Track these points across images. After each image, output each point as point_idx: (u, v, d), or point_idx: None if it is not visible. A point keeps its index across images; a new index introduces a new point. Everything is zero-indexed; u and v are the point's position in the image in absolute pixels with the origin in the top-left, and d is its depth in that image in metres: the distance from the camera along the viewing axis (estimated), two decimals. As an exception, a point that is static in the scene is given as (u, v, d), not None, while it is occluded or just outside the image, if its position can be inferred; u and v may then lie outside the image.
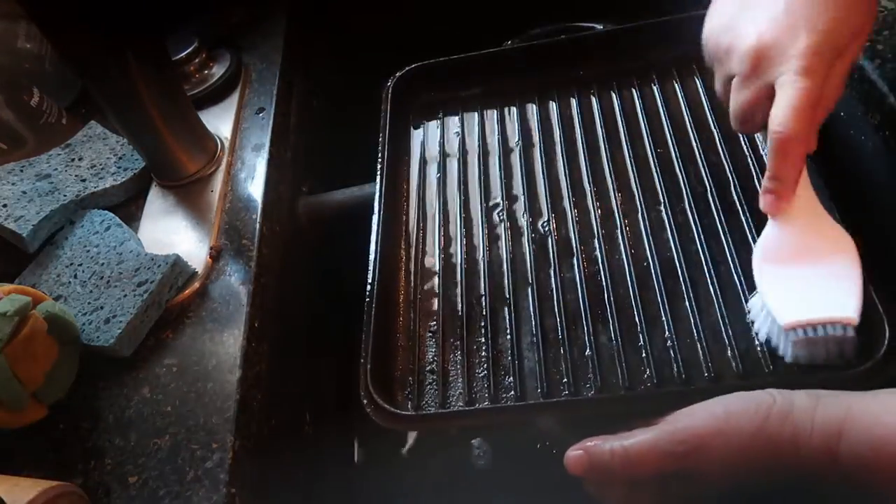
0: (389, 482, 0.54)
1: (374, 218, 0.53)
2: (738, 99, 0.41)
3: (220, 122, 0.62)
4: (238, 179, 0.57)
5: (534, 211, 0.54)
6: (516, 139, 0.60)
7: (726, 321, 0.44)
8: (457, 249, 0.53)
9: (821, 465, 0.32)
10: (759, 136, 0.53)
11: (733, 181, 0.51)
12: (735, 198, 0.50)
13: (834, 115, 0.50)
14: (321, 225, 0.61)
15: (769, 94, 0.39)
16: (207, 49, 0.66)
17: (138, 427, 0.42)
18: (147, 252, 0.50)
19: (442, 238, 0.54)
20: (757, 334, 0.42)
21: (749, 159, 0.52)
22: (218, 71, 0.66)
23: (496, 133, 0.60)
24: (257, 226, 0.52)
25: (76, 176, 0.57)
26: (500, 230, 0.53)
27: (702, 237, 0.48)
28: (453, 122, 0.63)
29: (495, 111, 0.62)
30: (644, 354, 0.44)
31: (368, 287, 0.49)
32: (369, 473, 0.58)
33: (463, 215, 0.55)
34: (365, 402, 0.43)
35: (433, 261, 0.53)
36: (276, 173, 0.58)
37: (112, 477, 0.40)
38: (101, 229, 0.53)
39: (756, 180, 0.51)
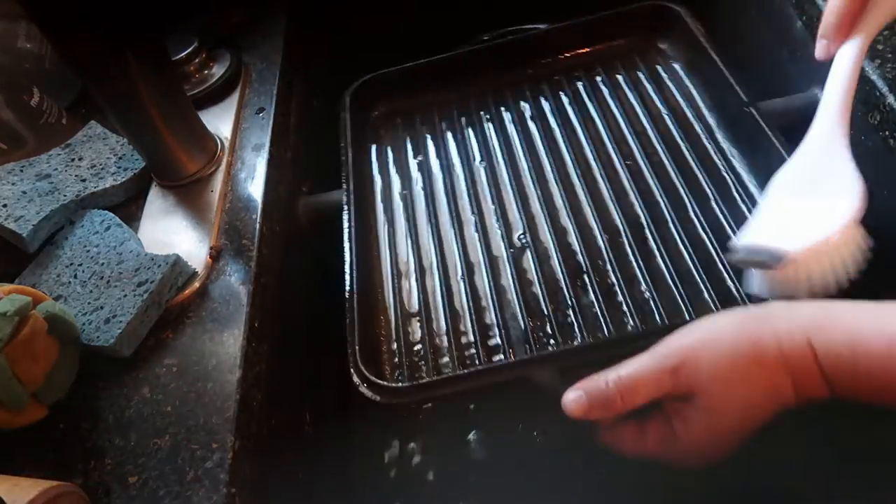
0: (389, 482, 0.54)
1: (345, 216, 0.56)
2: None
3: (220, 122, 0.62)
4: (238, 179, 0.57)
5: (500, 197, 0.58)
6: (475, 136, 0.64)
7: (699, 269, 0.48)
8: (429, 240, 0.57)
9: (803, 360, 0.32)
10: (702, 105, 0.59)
11: (684, 145, 0.57)
12: (688, 157, 0.56)
13: (834, 114, 0.50)
14: (321, 225, 0.62)
15: None
16: (207, 49, 0.66)
17: (138, 427, 0.42)
18: (147, 252, 0.50)
19: (414, 230, 0.58)
20: None
21: (696, 125, 0.58)
22: (218, 71, 0.66)
23: (456, 132, 0.65)
24: (257, 226, 0.52)
25: (76, 176, 0.57)
26: (468, 216, 0.58)
27: (664, 197, 0.54)
28: (415, 126, 0.67)
29: (454, 112, 0.67)
30: (626, 309, 0.48)
31: (348, 277, 0.51)
32: (369, 473, 0.58)
33: (432, 208, 0.59)
34: (357, 381, 0.45)
35: (407, 252, 0.57)
36: (276, 173, 0.58)
37: (112, 477, 0.40)
38: (101, 229, 0.53)
39: (704, 138, 0.57)
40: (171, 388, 0.44)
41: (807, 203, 0.41)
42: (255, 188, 0.56)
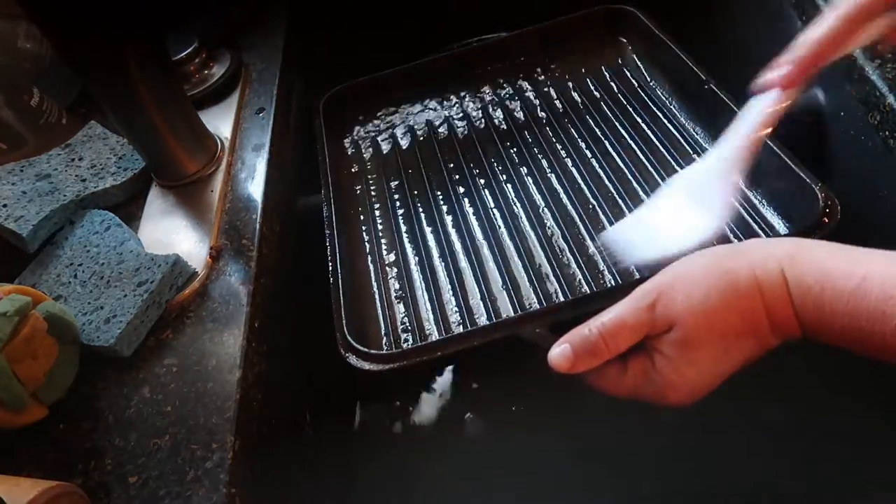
0: (389, 481, 0.54)
1: (325, 210, 0.58)
2: None
3: (220, 122, 0.62)
4: (238, 179, 0.57)
5: (476, 189, 0.61)
6: (446, 138, 0.67)
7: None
8: (410, 232, 0.59)
9: (776, 287, 0.33)
10: (663, 93, 0.64)
11: (649, 128, 0.61)
12: (654, 139, 0.60)
13: (834, 114, 0.50)
14: (319, 224, 0.61)
15: None
16: (207, 49, 0.66)
17: (138, 427, 0.42)
18: (147, 252, 0.50)
19: (395, 223, 0.60)
20: None
21: (658, 110, 0.62)
22: (218, 71, 0.66)
23: (428, 135, 0.68)
24: (257, 226, 0.52)
25: (76, 176, 0.57)
26: (447, 213, 0.60)
27: (635, 176, 0.57)
28: (388, 129, 0.70)
29: (424, 117, 0.70)
30: (607, 274, 0.51)
31: (330, 264, 0.53)
32: (369, 473, 0.58)
33: (410, 202, 0.61)
34: (345, 353, 0.46)
35: (390, 243, 0.59)
36: (276, 173, 0.58)
37: (112, 477, 0.40)
38: (101, 229, 0.53)
39: (667, 120, 0.61)
40: (171, 388, 0.44)
41: (680, 213, 0.43)
42: (255, 188, 0.56)
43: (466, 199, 0.61)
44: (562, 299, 0.50)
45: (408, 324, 0.52)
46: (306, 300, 0.59)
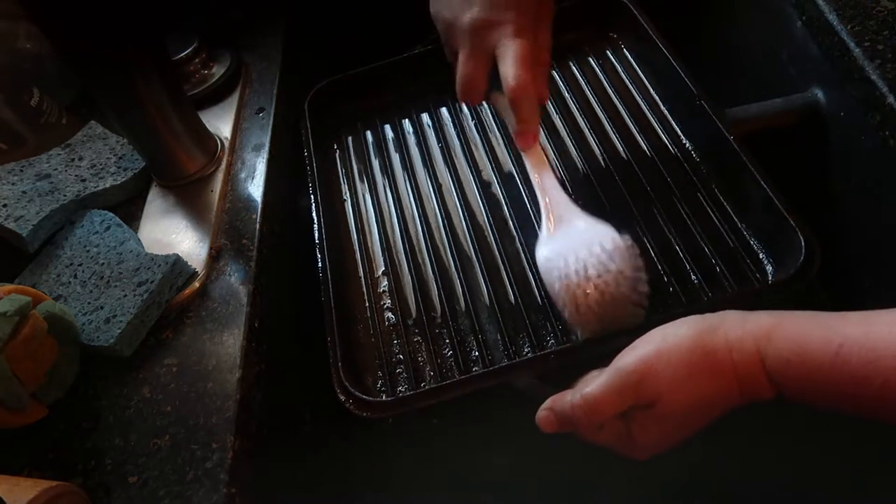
0: (389, 482, 0.54)
1: (315, 226, 0.56)
2: (463, 71, 0.47)
3: (220, 122, 0.62)
4: (238, 179, 0.57)
5: (466, 200, 0.59)
6: (434, 134, 0.65)
7: (660, 260, 0.50)
8: (399, 249, 0.57)
9: (751, 367, 0.34)
10: (654, 92, 0.61)
11: (637, 132, 0.59)
12: (641, 143, 0.58)
13: (834, 114, 0.50)
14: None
15: (490, 63, 0.46)
16: (207, 49, 0.66)
17: (138, 427, 0.42)
18: (147, 252, 0.50)
19: (384, 235, 0.58)
20: None
21: (648, 112, 0.60)
22: (218, 71, 0.66)
23: (416, 131, 0.66)
24: (257, 226, 0.52)
25: (76, 176, 0.57)
26: (436, 222, 0.58)
27: (623, 182, 0.55)
28: (375, 128, 0.68)
29: (412, 111, 0.68)
30: None
31: (322, 296, 0.51)
32: (369, 473, 0.58)
33: (399, 212, 0.59)
34: (342, 398, 0.45)
35: (381, 263, 0.57)
36: (276, 173, 0.58)
37: (112, 477, 0.40)
38: (101, 229, 0.53)
39: (655, 124, 0.59)
40: (171, 388, 0.44)
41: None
42: (255, 188, 0.56)
43: (459, 212, 0.58)
44: (550, 332, 0.49)
45: (401, 356, 0.50)
46: (306, 300, 0.59)
